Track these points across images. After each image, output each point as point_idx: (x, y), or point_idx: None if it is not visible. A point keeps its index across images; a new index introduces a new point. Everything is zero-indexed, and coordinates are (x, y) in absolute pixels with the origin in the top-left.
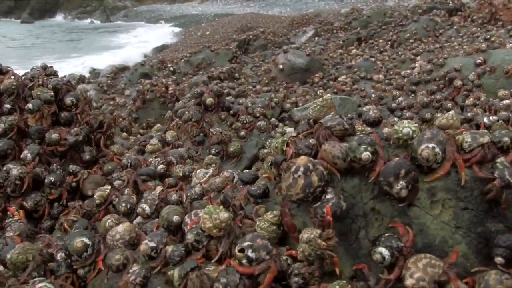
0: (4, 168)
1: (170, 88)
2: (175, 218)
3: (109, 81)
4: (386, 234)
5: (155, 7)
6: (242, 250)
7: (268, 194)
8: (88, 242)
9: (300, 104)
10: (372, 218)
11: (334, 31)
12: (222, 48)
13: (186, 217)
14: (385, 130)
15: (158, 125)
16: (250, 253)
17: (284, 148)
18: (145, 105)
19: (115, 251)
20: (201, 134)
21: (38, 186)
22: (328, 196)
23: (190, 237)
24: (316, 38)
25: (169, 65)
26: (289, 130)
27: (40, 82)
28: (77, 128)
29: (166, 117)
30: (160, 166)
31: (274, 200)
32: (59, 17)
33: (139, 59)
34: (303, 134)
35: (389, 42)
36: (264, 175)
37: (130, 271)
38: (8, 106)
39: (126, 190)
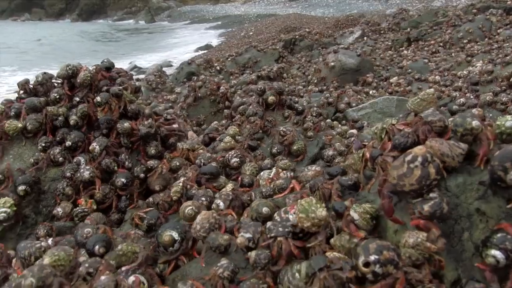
0: (75, 160)
1: (222, 86)
2: (265, 209)
3: (157, 79)
4: (499, 235)
5: (198, 8)
6: (367, 265)
7: (359, 186)
8: (176, 238)
9: (354, 104)
10: (477, 219)
11: (382, 32)
12: (269, 47)
13: (276, 214)
14: None
15: (215, 122)
16: (377, 269)
17: (383, 136)
18: (196, 102)
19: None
20: (260, 131)
21: (107, 177)
22: (432, 194)
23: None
24: (365, 38)
25: (215, 64)
26: (350, 130)
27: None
28: (151, 120)
29: (225, 114)
30: (234, 160)
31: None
32: (106, 18)
33: (183, 58)
34: (402, 123)
35: (442, 43)
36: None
37: (219, 264)
38: (77, 99)
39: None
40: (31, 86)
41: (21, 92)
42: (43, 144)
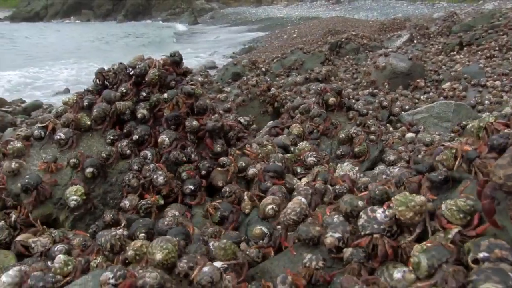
0: (142, 154)
1: (273, 88)
2: (360, 203)
3: (204, 79)
4: None
5: (241, 9)
6: (476, 261)
7: (449, 182)
8: (266, 232)
9: (407, 107)
10: None
11: (431, 36)
12: (315, 50)
13: (362, 212)
14: None
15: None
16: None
17: (480, 135)
18: (245, 102)
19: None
20: (316, 131)
21: (174, 169)
22: None
23: None
24: (415, 42)
25: (260, 66)
26: (409, 135)
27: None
28: (218, 114)
29: (282, 114)
30: (310, 158)
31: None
32: (151, 19)
33: (225, 60)
34: (501, 123)
35: (498, 47)
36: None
37: (307, 257)
38: (143, 93)
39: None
40: (106, 75)
41: (96, 80)
42: (111, 137)
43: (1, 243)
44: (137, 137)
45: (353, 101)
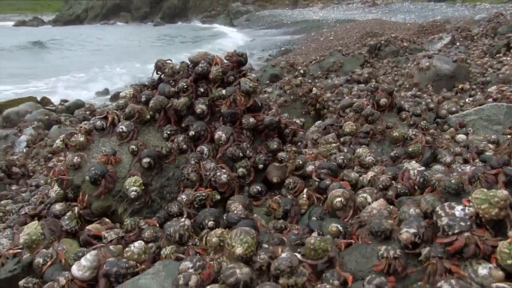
0: (198, 149)
1: (314, 89)
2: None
3: None
4: None
5: (276, 12)
6: None
7: None
8: (341, 230)
9: (453, 109)
10: None
11: (475, 38)
12: (355, 52)
13: (438, 209)
14: None
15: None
16: None
17: None
18: (287, 103)
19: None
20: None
21: (230, 165)
22: None
23: None
24: (457, 44)
25: (299, 68)
26: (461, 136)
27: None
28: (274, 110)
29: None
30: (369, 158)
31: None
32: (187, 21)
33: (261, 62)
34: None
35: None
36: None
37: (382, 249)
38: (201, 89)
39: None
40: (164, 66)
41: (156, 71)
42: (168, 132)
43: (68, 232)
44: (193, 133)
45: (402, 102)
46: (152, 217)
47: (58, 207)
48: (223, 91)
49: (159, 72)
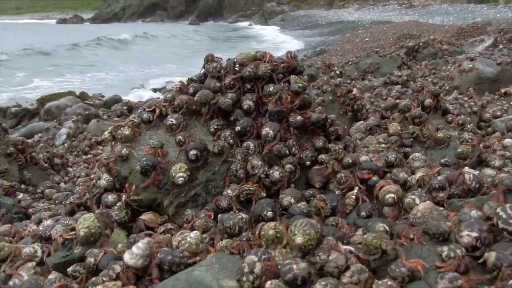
0: (244, 145)
1: (355, 90)
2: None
3: None
4: None
5: (311, 13)
6: None
7: None
8: (388, 230)
9: (498, 113)
10: None
11: None
12: (392, 53)
13: (499, 210)
14: None
15: (372, 116)
16: None
17: None
18: (324, 103)
19: None
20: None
21: (276, 162)
22: None
23: None
24: (500, 46)
25: (335, 68)
26: (509, 140)
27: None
28: (321, 107)
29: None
30: (417, 162)
31: None
32: (221, 20)
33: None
34: None
35: None
36: None
37: (445, 249)
38: (248, 86)
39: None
40: (214, 65)
41: (206, 63)
42: (215, 127)
43: (117, 223)
44: (239, 128)
45: (448, 104)
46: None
47: (110, 198)
48: (271, 88)
49: (207, 66)
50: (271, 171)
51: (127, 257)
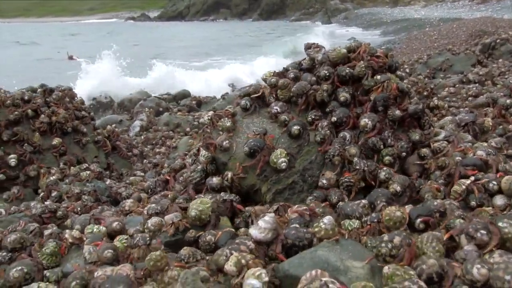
0: (341, 135)
1: (435, 99)
2: None
3: None
4: None
5: (375, 10)
6: None
7: None
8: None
9: None
10: None
11: None
12: (466, 51)
13: None
14: None
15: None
16: None
17: None
18: None
19: None
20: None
21: (371, 154)
22: None
23: None
24: None
25: (405, 67)
26: None
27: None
28: (416, 98)
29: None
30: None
31: None
32: (284, 18)
33: None
34: None
35: None
36: None
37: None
38: (326, 72)
39: None
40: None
41: (308, 49)
42: (313, 117)
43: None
44: (335, 119)
45: None
46: (294, 198)
47: (215, 180)
48: (378, 77)
49: (309, 51)
50: (379, 171)
51: (255, 232)
